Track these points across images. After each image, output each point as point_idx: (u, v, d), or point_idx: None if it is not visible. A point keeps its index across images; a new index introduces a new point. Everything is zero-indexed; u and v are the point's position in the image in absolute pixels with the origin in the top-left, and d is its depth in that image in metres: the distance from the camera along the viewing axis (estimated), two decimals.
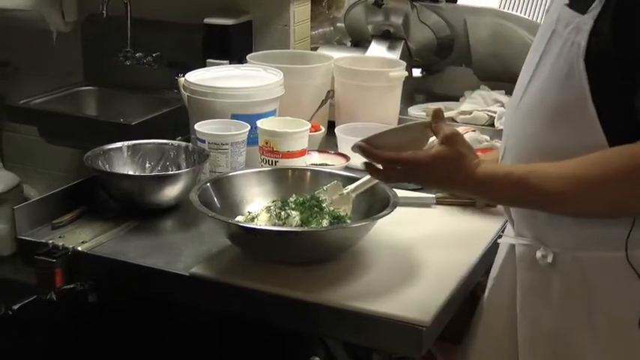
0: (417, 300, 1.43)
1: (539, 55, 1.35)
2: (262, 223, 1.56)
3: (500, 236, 1.54)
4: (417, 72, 2.59)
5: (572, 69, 1.27)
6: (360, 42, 2.58)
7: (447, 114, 2.31)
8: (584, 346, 1.35)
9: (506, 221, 1.50)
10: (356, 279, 1.49)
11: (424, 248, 1.62)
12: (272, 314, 1.47)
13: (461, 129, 2.18)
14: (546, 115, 1.31)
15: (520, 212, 1.43)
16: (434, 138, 1.37)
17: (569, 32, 1.28)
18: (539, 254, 1.38)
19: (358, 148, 1.38)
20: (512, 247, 1.47)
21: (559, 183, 1.26)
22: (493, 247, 1.60)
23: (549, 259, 1.36)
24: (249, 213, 1.63)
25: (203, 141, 1.87)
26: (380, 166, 1.39)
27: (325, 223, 1.56)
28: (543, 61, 1.34)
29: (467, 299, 1.56)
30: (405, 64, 2.29)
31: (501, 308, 1.50)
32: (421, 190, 1.84)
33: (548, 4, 1.88)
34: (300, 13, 2.51)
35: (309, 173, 1.74)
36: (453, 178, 1.33)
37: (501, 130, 1.48)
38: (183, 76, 2.07)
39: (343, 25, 2.63)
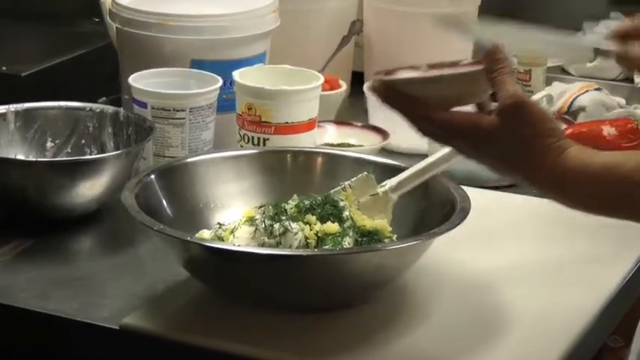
0: None
1: None
2: (242, 241, 1.57)
3: None
4: None
5: None
6: None
7: (552, 62, 2.31)
8: None
9: None
10: (399, 335, 1.50)
11: (513, 283, 1.64)
12: None
13: (576, 85, 2.19)
14: None
15: None
16: None
17: None
18: None
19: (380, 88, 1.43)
20: None
21: None
22: (634, 281, 1.62)
23: None
24: (220, 225, 1.64)
25: (144, 105, 1.89)
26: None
27: (348, 242, 1.57)
28: None
29: None
30: None
31: None
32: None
33: None
34: None
35: (320, 159, 1.77)
36: (530, 161, 1.34)
37: None
38: None
39: None
